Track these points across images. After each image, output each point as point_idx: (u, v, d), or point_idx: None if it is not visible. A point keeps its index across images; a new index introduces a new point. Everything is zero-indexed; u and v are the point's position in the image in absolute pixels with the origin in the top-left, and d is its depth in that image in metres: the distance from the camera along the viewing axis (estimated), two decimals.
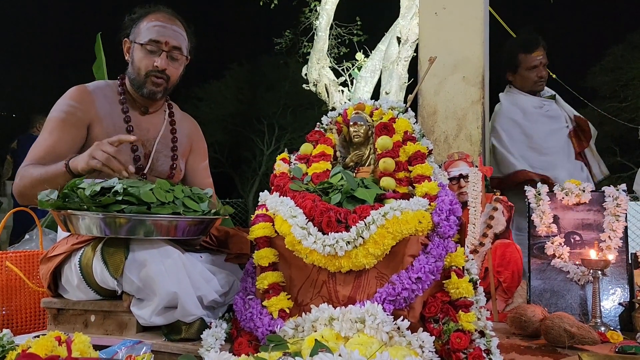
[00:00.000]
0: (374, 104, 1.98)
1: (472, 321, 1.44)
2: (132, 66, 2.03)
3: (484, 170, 2.44)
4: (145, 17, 2.03)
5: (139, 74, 2.01)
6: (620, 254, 2.27)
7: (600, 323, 2.05)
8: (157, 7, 2.06)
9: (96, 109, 1.99)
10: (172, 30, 2.01)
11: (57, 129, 1.94)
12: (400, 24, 8.61)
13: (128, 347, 1.46)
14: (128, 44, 2.05)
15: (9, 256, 2.20)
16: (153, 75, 1.99)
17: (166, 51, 1.99)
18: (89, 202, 1.57)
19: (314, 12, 10.63)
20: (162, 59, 1.99)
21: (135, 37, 2.01)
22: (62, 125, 1.94)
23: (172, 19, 2.04)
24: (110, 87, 2.08)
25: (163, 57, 1.99)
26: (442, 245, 1.49)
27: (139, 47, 1.99)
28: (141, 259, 1.63)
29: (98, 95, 2.02)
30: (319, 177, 1.78)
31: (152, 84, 2.00)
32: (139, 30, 2.01)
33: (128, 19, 2.07)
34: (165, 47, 1.99)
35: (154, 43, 1.98)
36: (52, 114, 1.97)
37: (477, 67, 3.32)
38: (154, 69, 1.98)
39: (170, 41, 2.00)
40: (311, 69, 9.67)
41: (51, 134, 1.93)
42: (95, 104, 2.00)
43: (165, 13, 2.05)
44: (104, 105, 2.01)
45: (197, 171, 2.26)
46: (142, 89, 2.02)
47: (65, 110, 1.96)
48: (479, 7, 3.36)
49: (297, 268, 1.60)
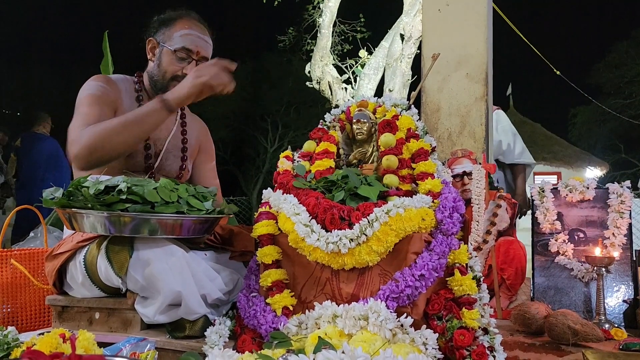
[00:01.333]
0: (377, 101, 1.98)
1: (476, 318, 1.44)
2: (159, 68, 2.03)
3: (487, 167, 2.44)
4: (177, 22, 2.04)
5: (164, 77, 2.02)
6: (625, 251, 2.27)
7: (605, 320, 2.05)
8: (187, 12, 2.07)
9: (121, 97, 2.01)
10: (204, 40, 2.04)
11: (95, 103, 1.91)
12: (404, 21, 8.60)
13: (132, 344, 1.47)
14: (154, 43, 2.05)
15: (13, 254, 2.21)
16: (178, 80, 2.00)
17: (196, 60, 2.02)
18: (93, 200, 1.57)
19: (317, 10, 10.62)
20: (191, 67, 2.00)
21: (166, 41, 2.01)
22: (99, 100, 1.93)
23: (203, 29, 2.06)
24: (128, 82, 2.10)
25: (192, 65, 2.00)
26: (445, 243, 1.49)
27: (169, 52, 2.01)
28: (145, 258, 1.64)
29: (121, 87, 2.05)
30: (322, 175, 1.78)
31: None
32: (170, 35, 2.02)
33: (157, 20, 2.07)
34: (195, 56, 2.02)
35: (185, 51, 2.00)
36: (85, 92, 1.95)
37: (481, 64, 3.31)
38: (182, 75, 1.99)
39: (201, 51, 2.03)
40: (314, 66, 9.66)
41: (91, 107, 1.90)
42: (121, 94, 2.02)
43: (196, 21, 2.07)
44: (125, 97, 2.03)
45: (204, 172, 2.27)
46: (164, 91, 2.02)
47: (98, 89, 1.96)
48: (482, 4, 3.35)
49: (300, 265, 1.60)
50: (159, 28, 2.06)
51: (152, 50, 2.06)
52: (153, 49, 2.06)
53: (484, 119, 3.27)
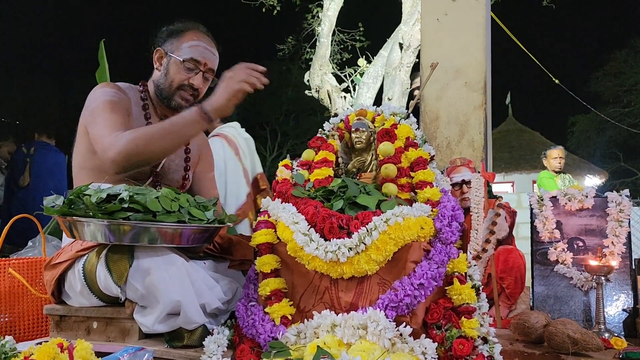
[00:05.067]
0: (376, 110, 1.98)
1: (475, 327, 1.44)
2: (166, 77, 2.05)
3: (486, 176, 2.44)
4: (186, 34, 2.06)
5: (170, 86, 2.04)
6: (624, 259, 2.26)
7: (604, 329, 2.05)
8: (195, 25, 2.10)
9: (131, 105, 2.03)
10: (211, 52, 2.07)
11: (115, 109, 1.92)
12: (403, 30, 8.64)
13: (130, 353, 1.46)
14: (161, 53, 2.07)
15: (11, 263, 2.20)
16: (184, 90, 2.03)
17: (203, 71, 2.04)
18: (94, 209, 1.57)
19: (317, 19, 10.68)
20: (199, 78, 2.03)
21: (174, 51, 2.03)
22: (117, 106, 1.94)
23: (210, 42, 2.09)
24: (134, 91, 2.11)
25: (199, 76, 2.03)
26: (444, 251, 1.49)
27: (177, 62, 2.02)
28: (145, 267, 1.63)
29: (130, 95, 2.06)
30: (321, 184, 1.78)
31: (181, 98, 2.05)
32: (179, 46, 2.03)
33: (166, 30, 2.09)
34: (203, 68, 2.04)
35: (194, 62, 2.02)
36: (101, 99, 1.94)
37: (479, 73, 3.32)
38: (189, 85, 2.03)
39: (209, 63, 2.05)
40: (313, 75, 9.69)
41: (113, 113, 1.90)
42: (131, 102, 2.04)
43: (204, 33, 2.09)
44: (133, 106, 2.05)
45: (203, 181, 2.27)
46: (170, 101, 2.05)
47: (114, 95, 1.97)
48: (481, 13, 3.37)
49: (299, 274, 1.60)
50: (167, 38, 2.07)
51: (160, 59, 2.08)
52: (160, 58, 2.07)
53: (483, 127, 3.28)
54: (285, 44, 12.42)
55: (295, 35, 12.19)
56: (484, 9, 3.37)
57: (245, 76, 1.79)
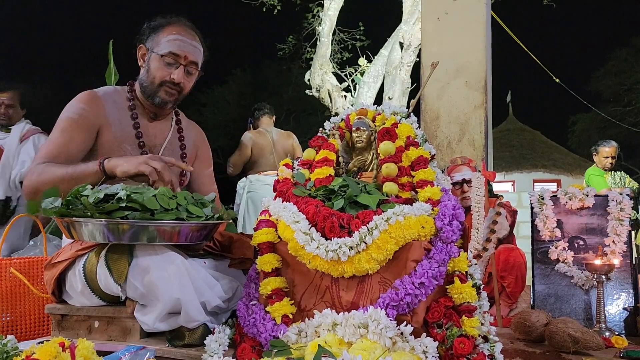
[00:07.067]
0: (376, 109, 1.98)
1: (476, 326, 1.44)
2: (147, 74, 2.04)
3: (487, 175, 2.44)
4: (166, 28, 2.04)
5: (152, 83, 2.03)
6: (625, 258, 2.26)
7: (605, 328, 2.05)
8: (178, 19, 2.07)
9: (106, 114, 2.01)
10: (191, 45, 2.04)
11: (68, 129, 1.94)
12: (403, 29, 8.64)
13: (132, 352, 1.46)
14: (144, 50, 2.06)
15: (13, 262, 2.21)
16: (167, 85, 2.02)
17: (184, 65, 2.02)
18: (92, 209, 1.57)
19: (317, 18, 10.68)
20: (179, 72, 2.01)
21: (154, 47, 2.02)
22: (74, 126, 1.94)
23: (192, 34, 2.06)
24: (118, 93, 2.10)
25: (180, 70, 2.01)
26: (445, 250, 1.49)
27: (157, 58, 2.01)
28: (145, 265, 1.63)
29: (107, 101, 2.04)
30: (322, 183, 1.78)
31: (165, 93, 2.03)
32: (159, 41, 2.02)
33: (147, 26, 2.07)
34: (183, 61, 2.01)
35: (173, 56, 2.00)
36: (64, 114, 1.97)
37: (480, 72, 3.32)
38: (170, 80, 2.01)
39: (189, 56, 2.02)
40: (314, 74, 9.69)
41: (63, 133, 1.93)
42: (105, 108, 2.02)
43: (185, 26, 2.06)
44: (113, 111, 2.03)
45: (201, 178, 2.27)
46: (154, 98, 2.04)
47: (77, 112, 1.97)
48: (481, 12, 3.37)
49: (300, 273, 1.60)
50: (149, 35, 2.06)
51: (143, 57, 2.07)
52: (143, 55, 2.07)
53: (483, 126, 3.28)
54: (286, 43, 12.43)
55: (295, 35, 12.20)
56: (484, 8, 3.37)
57: (161, 168, 1.74)
